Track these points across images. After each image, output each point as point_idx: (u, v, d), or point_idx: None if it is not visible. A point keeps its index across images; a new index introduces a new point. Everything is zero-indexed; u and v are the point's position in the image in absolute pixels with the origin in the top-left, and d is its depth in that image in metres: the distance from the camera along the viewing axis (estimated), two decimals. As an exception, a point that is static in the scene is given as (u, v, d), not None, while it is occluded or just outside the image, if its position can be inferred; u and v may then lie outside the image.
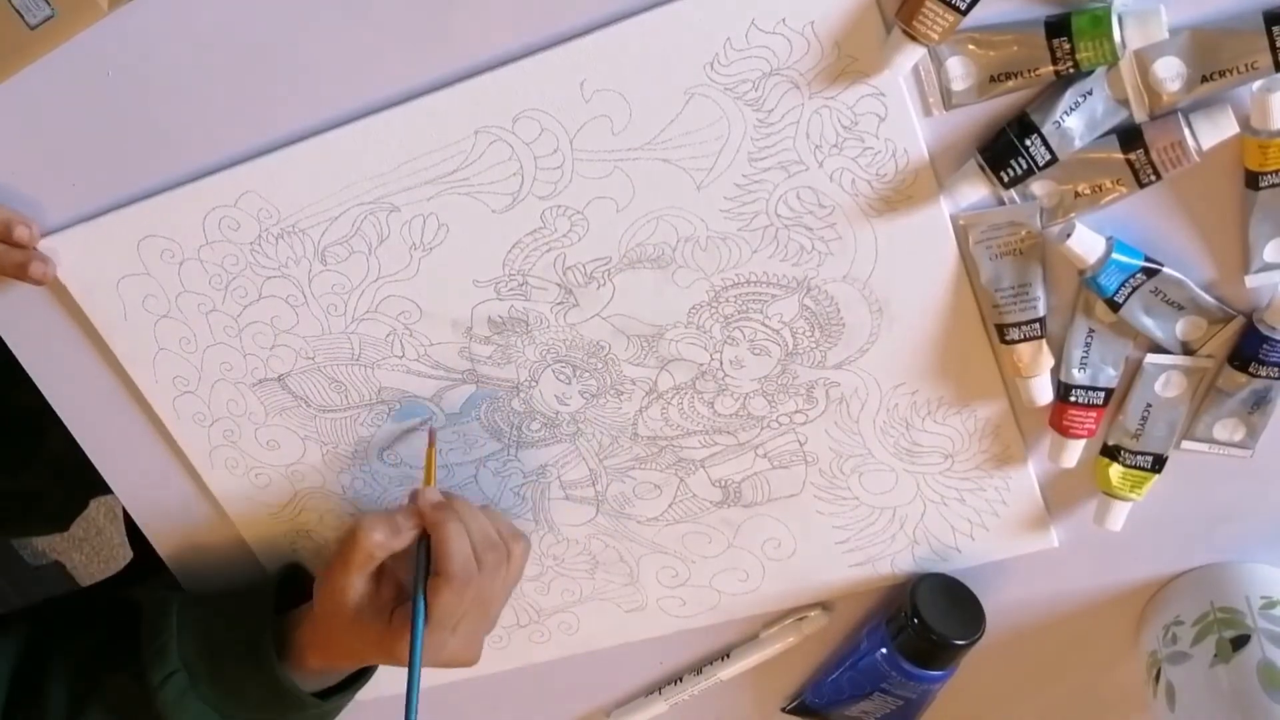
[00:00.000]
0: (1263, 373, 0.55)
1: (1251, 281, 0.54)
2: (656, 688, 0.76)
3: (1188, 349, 0.57)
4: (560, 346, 0.63)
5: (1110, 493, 0.61)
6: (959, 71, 0.52)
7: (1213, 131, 0.50)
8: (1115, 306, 0.55)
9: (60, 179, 0.61)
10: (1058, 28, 0.49)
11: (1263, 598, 0.61)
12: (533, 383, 0.64)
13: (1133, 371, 0.58)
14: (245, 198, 0.60)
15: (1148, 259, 0.54)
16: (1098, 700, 0.73)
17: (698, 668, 0.75)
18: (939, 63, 0.52)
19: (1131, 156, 0.51)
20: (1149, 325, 0.56)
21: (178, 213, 0.61)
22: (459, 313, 0.62)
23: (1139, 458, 0.60)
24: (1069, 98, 0.51)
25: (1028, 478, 0.63)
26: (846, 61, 0.52)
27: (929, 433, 0.62)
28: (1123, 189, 0.53)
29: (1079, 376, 0.58)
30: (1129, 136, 0.51)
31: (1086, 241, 0.53)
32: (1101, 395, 0.58)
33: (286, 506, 0.71)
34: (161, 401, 0.68)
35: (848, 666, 0.69)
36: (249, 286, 0.63)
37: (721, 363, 0.62)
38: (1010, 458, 0.63)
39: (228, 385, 0.66)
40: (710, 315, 0.60)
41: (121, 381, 0.68)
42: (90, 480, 0.72)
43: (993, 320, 0.58)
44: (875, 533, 0.67)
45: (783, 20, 0.52)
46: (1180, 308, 0.56)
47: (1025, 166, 0.52)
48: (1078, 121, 0.51)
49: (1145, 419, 0.59)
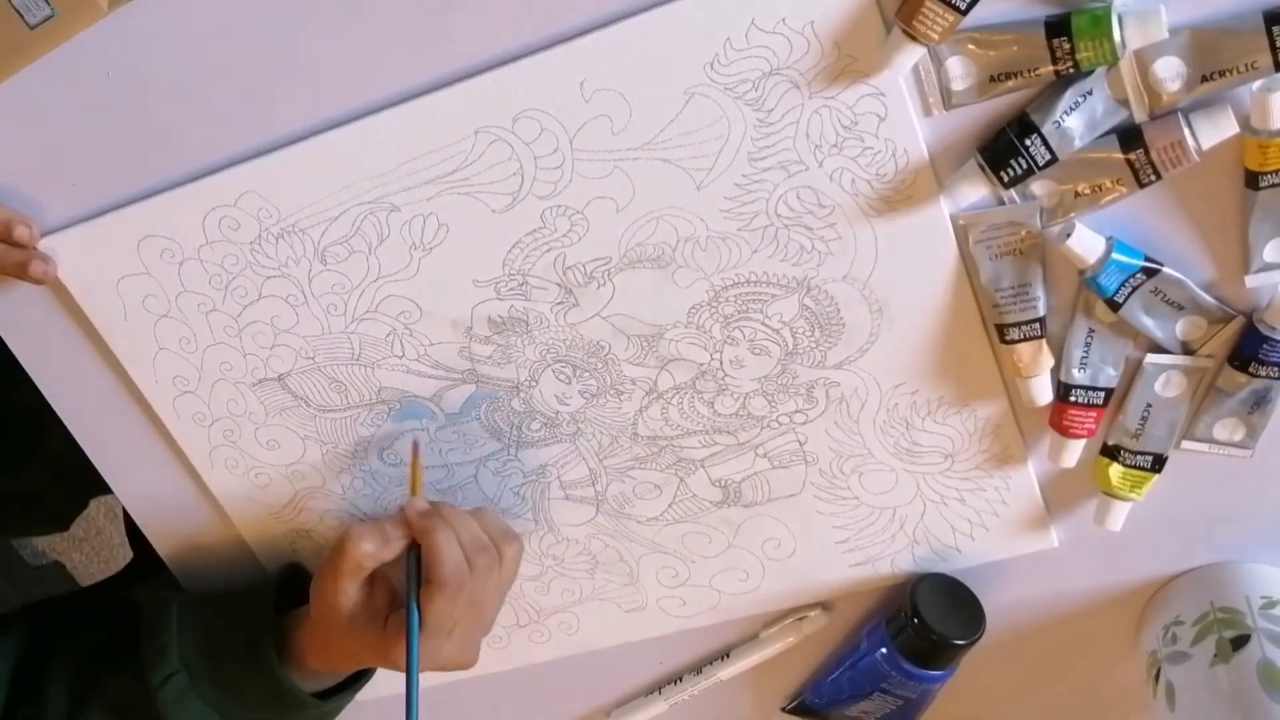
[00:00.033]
0: (1263, 373, 0.55)
1: (1251, 281, 0.54)
2: (656, 688, 0.76)
3: (1188, 349, 0.57)
4: (560, 346, 0.63)
5: (1110, 493, 0.61)
6: (959, 71, 0.52)
7: (1213, 131, 0.50)
8: (1115, 306, 0.55)
9: (60, 179, 0.61)
10: (1058, 27, 0.49)
11: (1263, 598, 0.61)
12: (533, 382, 0.64)
13: (1133, 371, 0.58)
14: (245, 197, 0.60)
15: (1148, 259, 0.54)
16: (1098, 700, 0.73)
17: (698, 668, 0.75)
18: (939, 62, 0.52)
19: (1131, 156, 0.51)
20: (1149, 325, 0.56)
21: (178, 213, 0.61)
22: (459, 312, 0.62)
23: (1139, 458, 0.60)
24: (1069, 97, 0.51)
25: (1028, 478, 0.63)
26: (846, 61, 0.52)
27: (929, 432, 0.62)
28: (1123, 189, 0.53)
29: (1079, 376, 0.58)
30: (1129, 136, 0.51)
31: (1086, 241, 0.53)
32: (1101, 395, 0.58)
33: (286, 506, 0.71)
34: (161, 401, 0.68)
35: (848, 666, 0.69)
36: (249, 286, 0.63)
37: (721, 362, 0.62)
38: (1010, 458, 0.63)
39: (228, 385, 0.66)
40: (710, 315, 0.60)
41: (121, 381, 0.68)
42: (90, 480, 0.72)
43: (993, 320, 0.58)
44: (875, 533, 0.67)
45: (783, 20, 0.52)
46: (1180, 308, 0.56)
47: (1025, 166, 0.52)
48: (1078, 121, 0.51)
49: (1145, 419, 0.59)
